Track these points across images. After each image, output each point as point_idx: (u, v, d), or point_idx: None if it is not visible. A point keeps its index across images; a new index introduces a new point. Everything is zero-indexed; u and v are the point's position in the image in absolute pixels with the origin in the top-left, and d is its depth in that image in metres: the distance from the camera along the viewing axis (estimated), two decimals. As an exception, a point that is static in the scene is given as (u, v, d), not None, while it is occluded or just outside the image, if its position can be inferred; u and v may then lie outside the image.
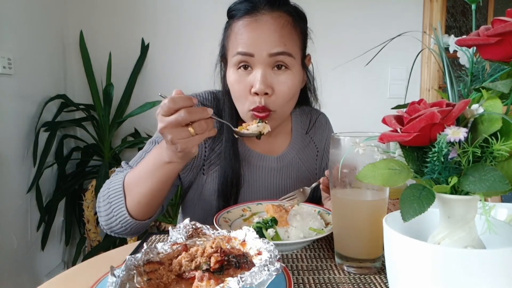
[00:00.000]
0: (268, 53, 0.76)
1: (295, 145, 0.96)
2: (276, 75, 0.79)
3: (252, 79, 0.78)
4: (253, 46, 0.76)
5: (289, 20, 0.80)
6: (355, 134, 0.53)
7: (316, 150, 1.00)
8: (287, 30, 0.79)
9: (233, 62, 0.80)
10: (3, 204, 1.66)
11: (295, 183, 0.95)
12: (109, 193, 0.75)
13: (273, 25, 0.77)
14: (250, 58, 0.77)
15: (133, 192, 0.73)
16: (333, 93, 2.32)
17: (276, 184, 0.93)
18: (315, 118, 1.02)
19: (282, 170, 0.93)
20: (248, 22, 0.78)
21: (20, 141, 1.81)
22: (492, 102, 0.36)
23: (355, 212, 0.55)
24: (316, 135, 1.01)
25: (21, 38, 1.80)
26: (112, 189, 0.75)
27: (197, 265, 0.47)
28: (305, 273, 0.55)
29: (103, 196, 0.77)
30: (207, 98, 0.91)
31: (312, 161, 0.99)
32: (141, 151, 0.85)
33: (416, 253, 0.36)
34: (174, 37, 2.25)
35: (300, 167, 0.96)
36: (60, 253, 2.15)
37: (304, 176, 0.97)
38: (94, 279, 0.50)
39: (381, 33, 2.12)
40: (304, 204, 0.80)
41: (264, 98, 0.78)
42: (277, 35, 0.77)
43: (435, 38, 0.44)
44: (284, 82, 0.79)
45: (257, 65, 0.78)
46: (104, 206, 0.76)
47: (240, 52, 0.77)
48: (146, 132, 2.25)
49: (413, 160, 0.38)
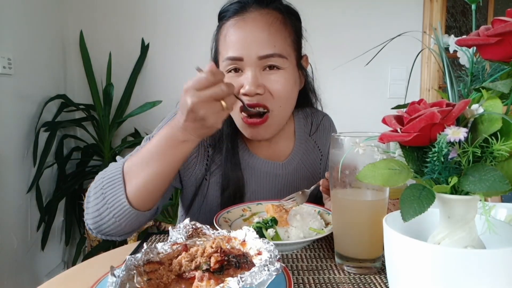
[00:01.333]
0: (258, 55, 0.74)
1: (299, 150, 0.94)
2: (267, 75, 0.77)
3: (243, 80, 0.75)
4: (242, 49, 0.74)
5: (278, 17, 0.77)
6: (355, 134, 0.53)
7: (320, 154, 0.98)
8: (276, 27, 0.76)
9: (223, 66, 0.78)
10: (3, 204, 1.66)
11: (299, 189, 0.91)
12: (103, 183, 0.67)
13: (261, 22, 0.75)
14: (240, 62, 0.75)
15: (137, 177, 0.66)
16: (333, 93, 2.31)
17: (281, 191, 0.91)
18: (318, 120, 0.99)
19: (287, 177, 0.91)
20: (235, 21, 0.77)
21: (20, 141, 1.81)
22: (492, 102, 0.36)
23: (355, 212, 0.55)
24: (320, 138, 0.99)
25: (21, 38, 1.80)
26: (107, 178, 0.67)
27: (197, 265, 0.47)
28: (305, 273, 0.55)
29: (95, 188, 0.68)
30: None
31: (316, 166, 0.97)
32: (138, 147, 0.79)
33: (416, 253, 0.36)
34: (174, 37, 2.25)
35: (305, 172, 0.94)
36: (60, 253, 2.15)
37: (309, 181, 0.93)
38: (94, 279, 0.50)
39: (381, 33, 2.12)
40: (304, 204, 0.80)
41: (257, 98, 0.76)
42: (265, 34, 0.74)
43: (435, 38, 0.44)
44: (277, 81, 0.77)
45: (247, 68, 0.75)
46: (95, 200, 0.67)
47: (230, 58, 0.75)
48: (146, 132, 2.25)
49: (413, 160, 0.38)
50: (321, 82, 0.98)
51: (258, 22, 0.75)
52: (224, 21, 0.80)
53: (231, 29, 0.77)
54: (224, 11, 0.81)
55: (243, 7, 0.77)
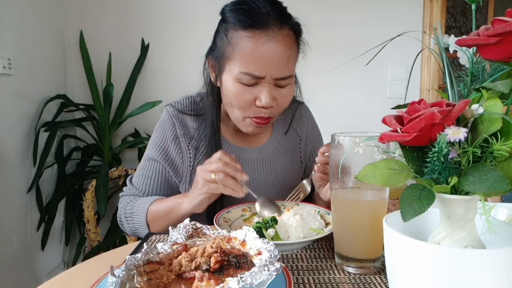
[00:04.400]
0: (275, 77, 0.79)
1: (276, 136, 1.00)
2: (278, 89, 0.82)
3: (257, 93, 0.80)
4: (266, 69, 0.77)
5: (294, 39, 0.82)
6: (355, 134, 0.53)
7: (299, 138, 1.04)
8: (293, 51, 0.82)
9: (237, 76, 0.78)
10: (3, 204, 1.66)
11: (280, 173, 0.98)
12: (134, 225, 0.88)
13: (284, 46, 0.78)
14: (259, 79, 0.79)
15: (154, 225, 0.86)
16: (333, 93, 2.32)
17: (260, 175, 0.95)
18: (294, 108, 1.05)
19: (263, 161, 0.96)
20: (259, 39, 0.76)
21: (20, 141, 1.80)
22: (492, 102, 0.36)
23: (355, 212, 0.55)
24: (297, 124, 1.05)
25: (21, 38, 1.80)
26: (137, 222, 0.88)
27: (197, 265, 0.47)
28: (305, 273, 0.55)
29: (127, 224, 0.90)
30: (184, 103, 0.95)
31: (295, 149, 1.03)
32: (140, 169, 0.94)
33: (416, 253, 0.36)
34: (174, 37, 2.25)
35: (284, 156, 1.00)
36: (60, 253, 2.15)
37: (289, 164, 1.00)
38: (94, 279, 0.50)
39: (381, 33, 2.12)
40: (304, 204, 0.80)
41: (268, 110, 0.82)
42: (285, 59, 0.79)
43: (435, 38, 0.44)
44: (286, 95, 0.84)
45: (263, 83, 0.80)
46: (129, 229, 0.91)
47: (253, 75, 0.77)
48: (146, 132, 2.25)
49: (413, 160, 0.38)
50: (321, 82, 0.98)
51: (282, 46, 0.78)
52: (237, 27, 0.78)
53: (253, 45, 0.76)
54: (237, 14, 0.78)
55: (265, 21, 0.76)
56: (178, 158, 0.91)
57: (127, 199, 0.93)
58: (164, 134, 0.92)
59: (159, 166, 0.91)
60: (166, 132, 0.92)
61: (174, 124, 0.92)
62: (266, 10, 0.77)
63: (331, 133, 0.57)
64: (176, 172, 0.92)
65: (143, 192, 0.92)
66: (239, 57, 0.78)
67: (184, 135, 0.91)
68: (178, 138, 0.91)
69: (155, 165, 0.91)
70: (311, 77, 1.01)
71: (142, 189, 0.92)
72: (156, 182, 0.91)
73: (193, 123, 0.93)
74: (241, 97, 0.80)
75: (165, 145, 0.91)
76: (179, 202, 0.82)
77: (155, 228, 0.86)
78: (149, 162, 0.92)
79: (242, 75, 0.78)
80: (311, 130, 1.07)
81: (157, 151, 0.91)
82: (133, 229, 0.89)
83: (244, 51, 0.77)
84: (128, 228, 0.90)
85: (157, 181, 0.91)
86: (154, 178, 0.91)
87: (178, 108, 0.94)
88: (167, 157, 0.91)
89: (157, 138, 0.93)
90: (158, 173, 0.91)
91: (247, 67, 0.77)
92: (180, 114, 0.93)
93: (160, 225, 0.85)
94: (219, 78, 0.84)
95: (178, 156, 0.91)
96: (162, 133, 0.92)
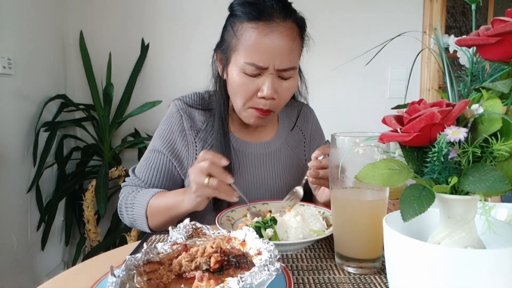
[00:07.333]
0: (278, 68, 0.80)
1: (282, 133, 1.02)
2: (281, 82, 0.84)
3: (260, 84, 0.82)
4: (268, 60, 0.79)
5: (297, 32, 0.83)
6: (355, 134, 0.53)
7: (304, 137, 1.06)
8: (296, 43, 0.83)
9: (242, 67, 0.81)
10: (3, 204, 1.66)
11: (284, 168, 0.99)
12: (133, 216, 0.88)
13: (287, 37, 0.80)
14: (262, 70, 0.81)
15: (154, 219, 0.85)
16: (333, 93, 2.32)
17: (266, 170, 0.96)
18: (299, 107, 1.08)
19: (270, 156, 0.98)
20: (261, 28, 0.79)
21: (20, 141, 1.80)
22: (492, 102, 0.36)
23: (355, 212, 0.55)
24: (302, 123, 1.07)
25: (21, 38, 1.80)
26: (136, 214, 0.87)
27: (197, 265, 0.47)
28: (305, 273, 0.55)
29: (127, 215, 0.89)
30: (193, 98, 0.96)
31: (300, 147, 1.04)
32: (144, 160, 0.93)
33: (416, 253, 0.36)
34: (174, 37, 2.25)
35: (289, 152, 1.01)
36: (60, 253, 2.15)
37: (294, 161, 1.01)
38: (94, 279, 0.50)
39: (381, 33, 2.12)
40: (309, 205, 0.80)
41: (269, 102, 0.83)
42: (288, 50, 0.80)
43: (435, 38, 0.44)
44: (288, 89, 0.85)
45: (266, 74, 0.81)
46: (128, 220, 0.90)
47: (256, 65, 0.79)
48: (146, 132, 2.25)
49: (413, 160, 0.38)
50: (321, 82, 0.99)
51: (284, 37, 0.80)
52: (243, 20, 0.81)
53: (259, 38, 0.79)
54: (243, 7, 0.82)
55: (269, 14, 0.79)
56: (184, 150, 0.92)
57: (129, 189, 0.92)
58: (171, 127, 0.93)
59: (164, 158, 0.91)
60: (173, 124, 0.93)
61: (182, 117, 0.93)
62: (270, 3, 0.81)
63: (331, 133, 0.57)
64: (181, 165, 0.92)
65: (145, 183, 0.91)
66: (244, 47, 0.80)
67: (191, 128, 0.92)
68: (185, 131, 0.92)
69: (160, 156, 0.91)
70: (311, 77, 1.01)
71: (145, 180, 0.91)
72: (160, 174, 0.91)
73: (201, 117, 0.94)
74: (244, 87, 0.82)
75: (172, 137, 0.92)
76: (179, 200, 0.81)
77: (153, 222, 0.85)
78: (154, 153, 0.92)
79: (246, 66, 0.80)
80: (315, 131, 1.08)
81: (163, 143, 0.92)
82: (132, 220, 0.89)
83: (249, 42, 0.80)
84: (127, 219, 0.90)
85: (161, 173, 0.91)
86: (157, 170, 0.91)
87: (186, 102, 0.95)
88: (172, 149, 0.91)
89: (164, 130, 0.93)
90: (162, 164, 0.91)
91: (251, 57, 0.79)
92: (188, 107, 0.94)
93: (159, 220, 0.84)
94: (226, 69, 0.86)
95: (184, 148, 0.92)
96: (169, 126, 0.93)
